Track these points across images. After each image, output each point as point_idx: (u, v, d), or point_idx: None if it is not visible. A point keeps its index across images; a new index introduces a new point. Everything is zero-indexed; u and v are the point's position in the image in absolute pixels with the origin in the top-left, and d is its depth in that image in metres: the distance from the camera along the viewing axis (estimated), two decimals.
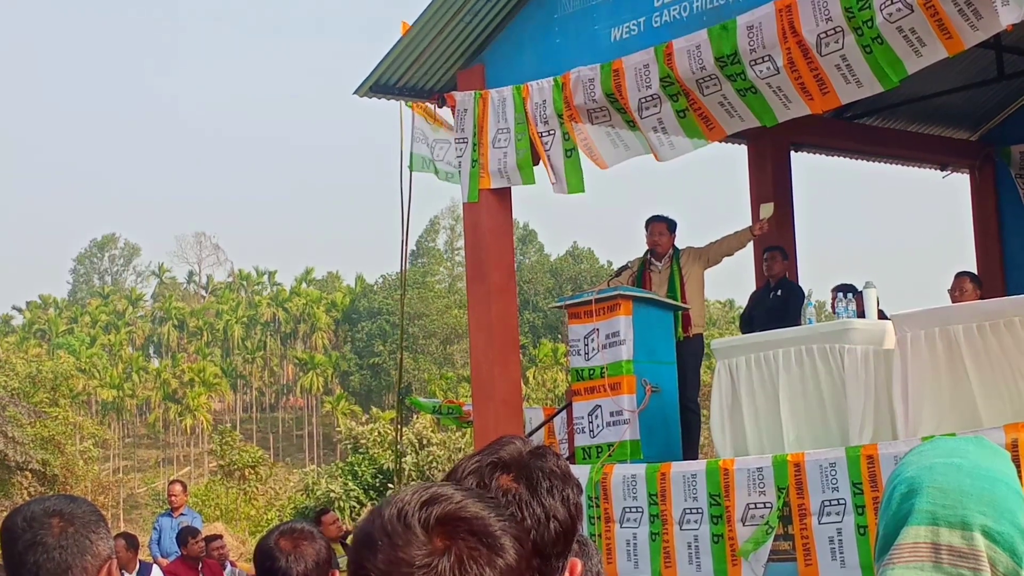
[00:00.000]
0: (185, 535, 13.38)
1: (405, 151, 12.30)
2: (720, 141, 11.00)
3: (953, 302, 10.96)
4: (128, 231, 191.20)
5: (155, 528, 15.19)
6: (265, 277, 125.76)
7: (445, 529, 1.64)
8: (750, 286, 13.62)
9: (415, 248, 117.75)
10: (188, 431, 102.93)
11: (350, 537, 1.74)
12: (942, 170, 16.16)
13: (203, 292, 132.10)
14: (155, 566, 13.59)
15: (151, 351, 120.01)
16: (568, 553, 2.14)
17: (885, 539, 2.04)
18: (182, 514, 14.73)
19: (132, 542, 12.55)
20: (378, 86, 12.31)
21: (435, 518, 1.64)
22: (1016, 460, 8.23)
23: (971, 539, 1.96)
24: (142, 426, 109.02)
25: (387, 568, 1.62)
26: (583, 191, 11.23)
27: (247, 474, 66.39)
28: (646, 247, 11.93)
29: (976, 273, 12.31)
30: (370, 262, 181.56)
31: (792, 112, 9.90)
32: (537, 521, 2.08)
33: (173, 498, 14.97)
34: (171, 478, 36.48)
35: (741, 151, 14.53)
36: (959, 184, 16.15)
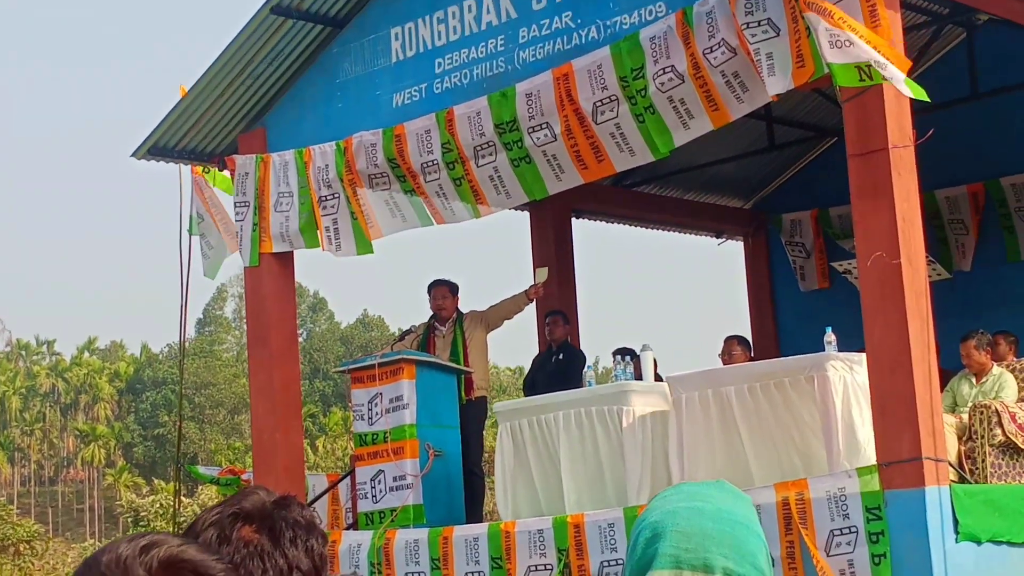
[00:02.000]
0: None
1: (184, 214, 12.11)
2: (496, 210, 11.05)
3: (724, 365, 11.25)
4: None
5: None
6: (44, 347, 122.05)
7: (168, 572, 1.63)
8: (536, 352, 13.74)
9: (202, 316, 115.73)
10: None
11: None
12: (717, 237, 16.61)
13: None
14: None
15: None
16: None
17: None
18: None
19: None
20: (156, 149, 12.09)
21: (158, 561, 1.64)
22: (788, 517, 8.47)
23: None
24: None
25: None
26: (372, 251, 11.20)
27: (22, 549, 64.04)
28: (431, 312, 12.00)
29: (746, 337, 12.65)
30: (155, 331, 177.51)
31: (563, 184, 10.05)
32: (279, 572, 2.06)
33: None
34: None
35: (524, 217, 14.71)
36: (734, 251, 16.63)
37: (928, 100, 8.01)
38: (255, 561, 2.05)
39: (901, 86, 7.83)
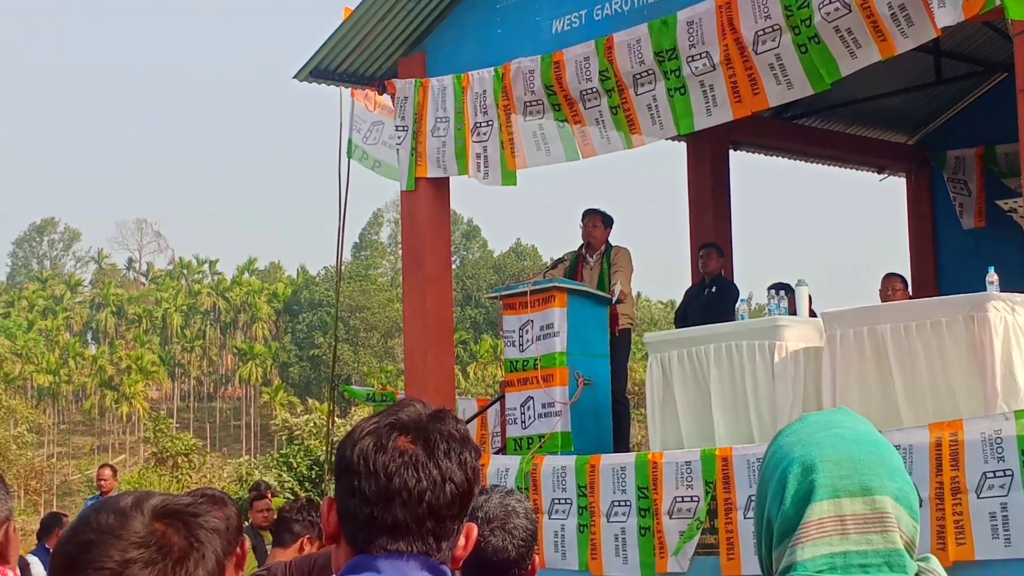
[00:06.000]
0: None
1: (344, 138, 12.24)
2: (649, 141, 10.93)
3: (883, 302, 11.06)
4: (68, 215, 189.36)
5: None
6: (206, 266, 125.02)
7: (165, 519, 1.82)
8: (688, 285, 13.66)
9: (358, 241, 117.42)
10: (124, 419, 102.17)
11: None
12: (879, 173, 16.29)
13: (143, 279, 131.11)
14: None
15: (89, 337, 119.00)
16: (464, 516, 2.15)
17: (785, 522, 2.04)
18: None
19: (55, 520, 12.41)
20: (318, 71, 12.24)
21: (154, 510, 1.82)
22: (939, 458, 8.32)
23: (873, 503, 1.99)
24: (78, 412, 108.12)
25: (121, 557, 1.76)
26: (515, 183, 11.22)
27: (179, 462, 66.08)
28: (581, 241, 11.99)
29: (905, 276, 12.42)
30: (313, 253, 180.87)
31: (713, 119, 9.91)
32: (433, 483, 2.09)
33: (103, 482, 14.84)
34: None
35: (681, 148, 14.59)
36: (895, 187, 16.30)
37: None
38: (409, 471, 2.09)
39: None
